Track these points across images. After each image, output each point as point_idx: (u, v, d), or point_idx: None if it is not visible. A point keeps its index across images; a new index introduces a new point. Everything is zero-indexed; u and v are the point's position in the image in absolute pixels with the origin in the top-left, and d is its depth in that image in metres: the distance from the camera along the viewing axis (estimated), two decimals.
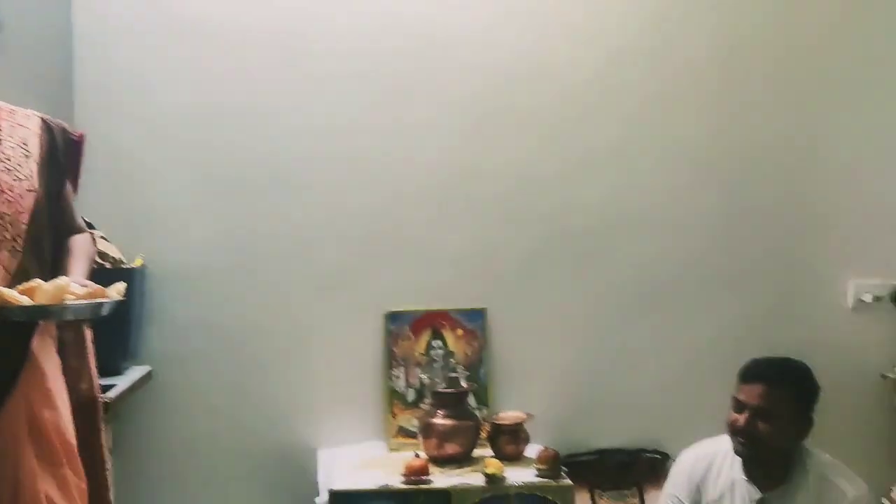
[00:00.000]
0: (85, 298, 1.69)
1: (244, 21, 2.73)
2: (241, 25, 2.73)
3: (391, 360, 2.79)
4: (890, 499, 2.88)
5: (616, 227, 2.90)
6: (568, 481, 2.41)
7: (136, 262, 2.54)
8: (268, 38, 2.74)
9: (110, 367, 2.35)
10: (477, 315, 2.84)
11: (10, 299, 1.62)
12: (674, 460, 2.52)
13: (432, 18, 2.81)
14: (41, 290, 1.66)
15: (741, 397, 2.22)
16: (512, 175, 2.86)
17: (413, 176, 2.81)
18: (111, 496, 1.94)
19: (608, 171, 2.89)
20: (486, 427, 2.64)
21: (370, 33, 2.78)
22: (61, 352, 1.82)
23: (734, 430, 2.22)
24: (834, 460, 2.25)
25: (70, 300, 1.67)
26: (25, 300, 1.64)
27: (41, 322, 1.73)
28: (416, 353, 2.80)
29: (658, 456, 2.87)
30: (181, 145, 2.71)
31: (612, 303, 2.90)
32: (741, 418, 2.20)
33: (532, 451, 2.55)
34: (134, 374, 2.47)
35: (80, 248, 1.89)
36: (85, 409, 1.83)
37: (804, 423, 2.23)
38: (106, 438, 2.01)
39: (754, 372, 2.24)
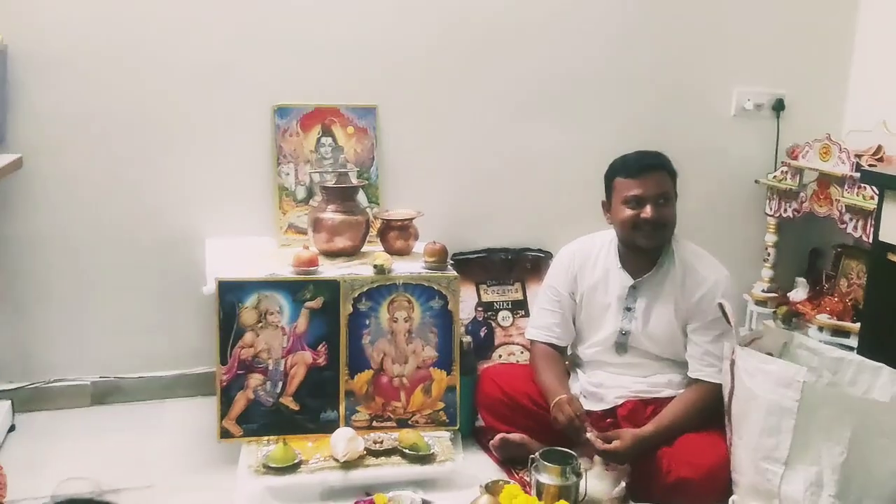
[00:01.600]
0: None
1: None
2: None
3: (279, 155, 2.72)
4: (751, 295, 3.10)
5: (515, 28, 2.85)
6: (453, 272, 2.47)
7: None
8: None
9: None
10: (368, 112, 2.78)
11: None
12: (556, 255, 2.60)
13: None
14: None
15: (638, 192, 2.24)
16: None
17: None
18: None
19: None
20: (376, 224, 2.66)
21: None
22: None
23: (640, 224, 2.24)
24: (698, 249, 2.37)
25: None
26: None
27: None
28: (306, 150, 2.74)
29: (541, 254, 2.98)
30: None
31: (506, 105, 2.89)
32: (648, 210, 2.23)
33: (420, 247, 2.58)
34: (1, 159, 2.32)
35: None
36: None
37: (675, 199, 2.32)
38: None
39: (642, 165, 2.28)
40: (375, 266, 2.41)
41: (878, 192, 2.27)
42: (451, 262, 2.59)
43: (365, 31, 2.74)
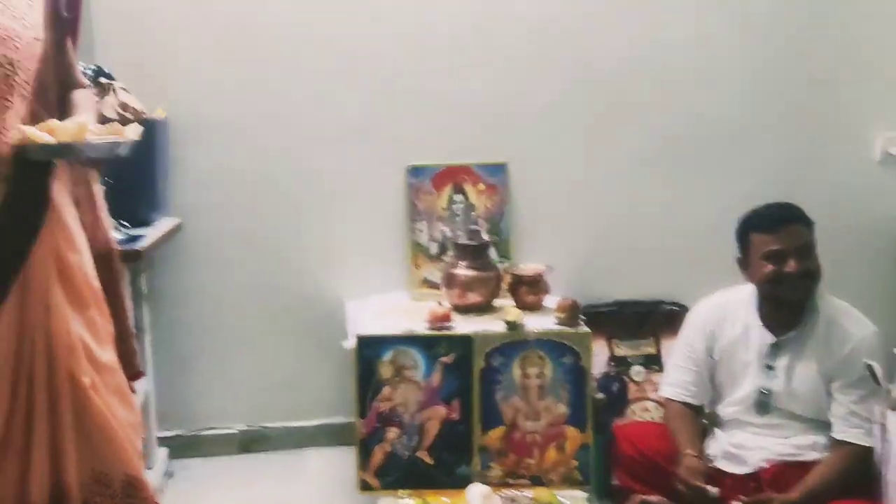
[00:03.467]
0: (103, 137, 1.72)
1: None
2: None
3: (414, 213, 2.82)
4: None
5: (640, 78, 2.85)
6: (585, 328, 2.47)
7: (158, 113, 2.55)
8: None
9: (139, 219, 2.41)
10: (498, 169, 2.85)
11: (33, 137, 1.65)
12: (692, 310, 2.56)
13: None
14: (62, 129, 1.67)
15: (777, 246, 2.18)
16: (534, 24, 2.80)
17: (435, 25, 2.76)
18: (135, 343, 2.02)
19: (632, 21, 2.82)
20: (507, 278, 2.70)
21: None
22: (76, 207, 1.86)
23: (784, 279, 2.18)
24: (843, 304, 2.27)
25: (90, 139, 1.70)
26: (48, 138, 1.67)
27: (60, 162, 1.76)
28: (439, 207, 2.83)
29: (676, 307, 2.93)
30: None
31: (636, 156, 2.89)
32: (792, 264, 2.17)
33: (551, 301, 2.60)
34: (163, 225, 2.53)
35: (86, 101, 1.89)
36: (103, 259, 1.87)
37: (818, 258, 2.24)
38: (125, 287, 2.07)
39: (778, 218, 2.22)
40: (507, 322, 2.45)
41: None
42: (583, 316, 2.59)
43: (494, 89, 2.82)
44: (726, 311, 2.38)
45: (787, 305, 2.24)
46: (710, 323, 2.39)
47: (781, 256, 2.19)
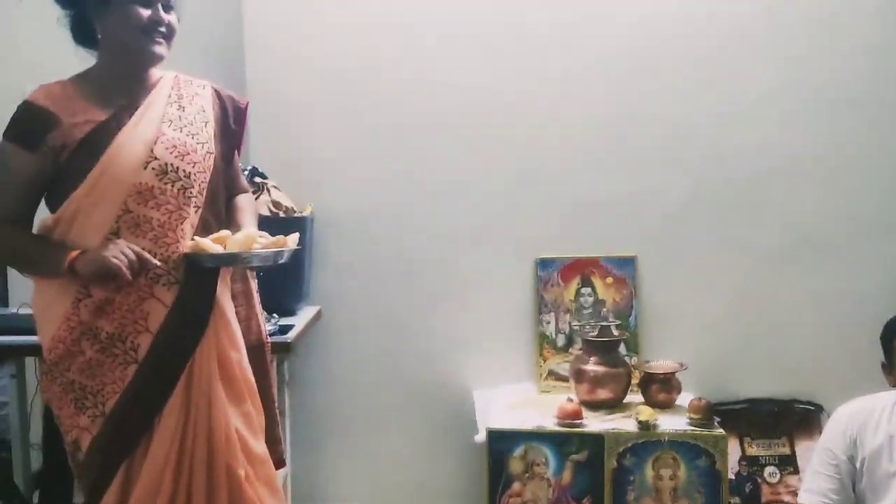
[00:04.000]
0: (268, 247, 1.86)
1: None
2: None
3: (541, 305, 2.87)
4: None
5: (771, 174, 2.83)
6: (721, 431, 2.43)
7: (306, 210, 2.71)
8: None
9: (286, 309, 2.55)
10: (627, 263, 2.87)
11: (206, 248, 1.81)
12: (827, 412, 2.49)
13: None
14: (232, 240, 1.84)
15: None
16: (665, 122, 2.83)
17: (566, 123, 2.84)
18: (279, 431, 2.13)
19: (763, 118, 2.83)
20: (638, 375, 2.69)
21: None
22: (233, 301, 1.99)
23: None
24: None
25: (256, 248, 1.84)
26: (219, 248, 1.82)
27: (225, 268, 1.91)
28: (566, 300, 2.87)
29: (811, 407, 2.84)
30: (344, 97, 2.83)
31: (765, 251, 2.85)
32: None
33: (683, 399, 2.57)
34: (307, 313, 2.66)
35: (249, 206, 2.07)
36: (255, 352, 2.01)
37: None
38: (274, 376, 2.19)
39: None
40: (640, 421, 2.44)
41: None
42: (716, 417, 2.55)
43: (623, 183, 2.85)
44: (869, 417, 2.31)
45: None
46: (851, 429, 2.32)
47: None
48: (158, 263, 1.76)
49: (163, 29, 1.82)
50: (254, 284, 2.07)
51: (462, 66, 2.82)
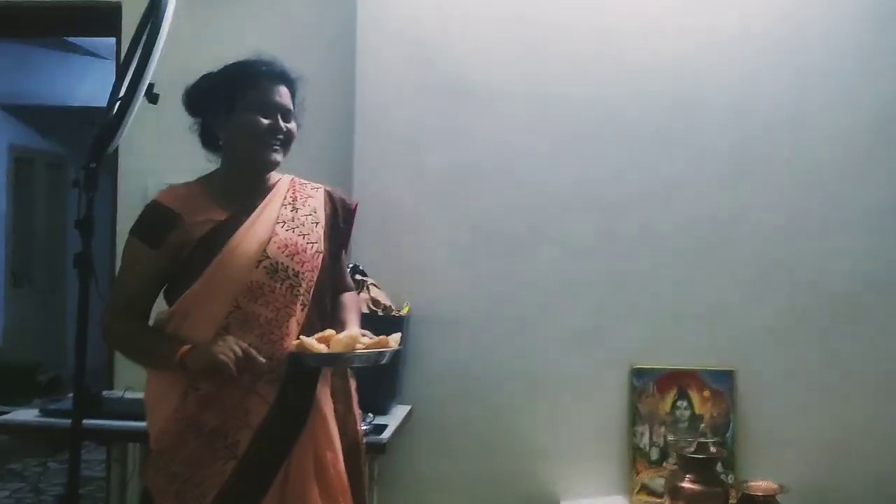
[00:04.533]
0: (370, 348, 1.89)
1: (503, 83, 2.88)
2: (500, 88, 2.88)
3: (635, 416, 2.80)
4: None
5: (877, 290, 2.75)
6: None
7: (404, 310, 2.76)
8: (524, 98, 2.87)
9: (380, 407, 2.56)
10: (725, 376, 2.79)
11: (310, 347, 1.85)
12: None
13: (688, 69, 2.82)
14: (336, 340, 1.88)
15: None
16: (768, 231, 2.80)
17: (665, 230, 2.83)
18: None
19: (873, 231, 2.76)
20: (736, 495, 2.58)
21: (622, 85, 2.84)
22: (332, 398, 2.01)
23: None
24: None
25: (359, 349, 1.88)
26: (323, 348, 1.86)
27: (328, 368, 1.95)
28: (661, 412, 2.80)
29: None
30: (445, 202, 2.90)
31: (870, 369, 2.75)
32: None
33: None
34: (399, 413, 2.67)
35: (353, 304, 2.12)
36: (351, 452, 2.01)
37: None
38: (367, 476, 2.19)
39: None
40: None
41: None
42: None
43: (722, 293, 2.81)
44: None
45: None
46: None
47: None
48: (264, 361, 1.81)
49: (280, 136, 1.93)
50: (353, 383, 2.09)
51: (559, 172, 2.86)
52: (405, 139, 2.92)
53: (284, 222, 1.94)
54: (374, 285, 2.73)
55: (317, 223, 2.00)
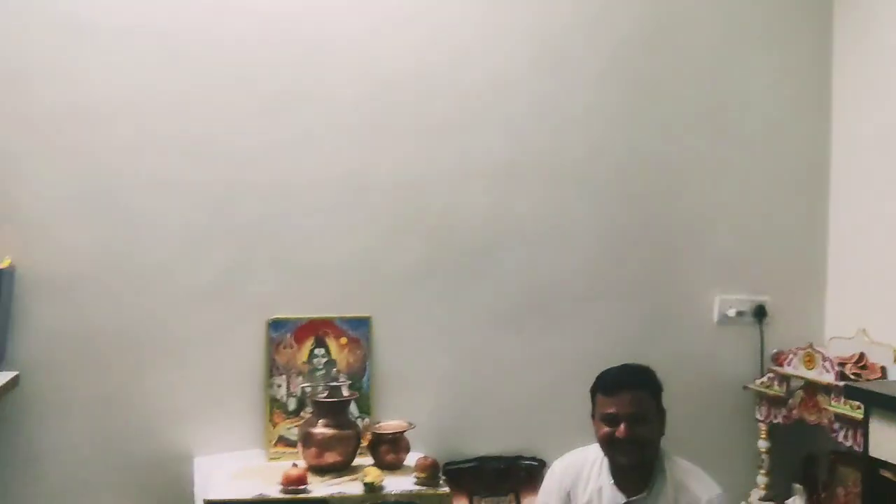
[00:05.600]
0: None
1: (123, 21, 2.67)
2: (120, 25, 2.66)
3: (272, 368, 2.77)
4: (748, 503, 3.05)
5: (498, 239, 2.97)
6: (445, 488, 2.45)
7: (3, 263, 2.43)
8: (147, 39, 2.69)
9: None
10: (361, 323, 2.85)
11: None
12: (549, 467, 2.59)
13: (318, 23, 2.81)
14: None
15: (612, 410, 2.28)
16: (398, 185, 2.89)
17: (299, 183, 2.81)
18: None
19: (492, 185, 2.96)
20: (368, 436, 2.65)
21: (257, 41, 2.77)
22: None
23: (615, 442, 2.27)
24: (691, 465, 2.36)
25: None
26: None
27: None
28: (299, 362, 2.79)
29: (535, 463, 2.95)
30: (56, 146, 2.62)
31: (493, 314, 2.97)
32: (622, 428, 2.25)
33: (412, 459, 2.58)
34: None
35: None
36: None
37: (662, 415, 2.34)
38: None
39: (616, 382, 2.32)
40: (365, 484, 2.40)
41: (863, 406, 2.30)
42: (443, 474, 2.57)
43: (357, 245, 2.86)
44: (581, 469, 2.42)
45: (622, 468, 2.30)
46: (565, 482, 2.42)
47: (615, 420, 2.27)
48: None
49: None
50: None
51: (187, 121, 2.72)
52: (8, 74, 2.58)
53: None
54: None
55: None
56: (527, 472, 2.95)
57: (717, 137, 3.12)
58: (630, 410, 2.27)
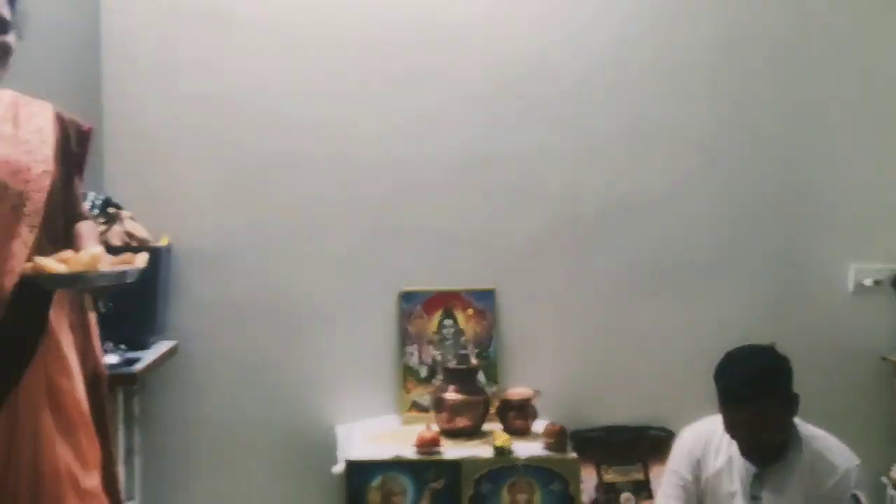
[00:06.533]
0: (114, 266, 1.80)
1: (260, 14, 2.83)
2: (257, 18, 2.83)
3: (405, 337, 2.89)
4: (890, 478, 2.95)
5: (622, 211, 2.98)
6: (573, 454, 2.51)
7: (162, 242, 2.65)
8: (283, 30, 2.84)
9: (138, 342, 2.47)
10: (487, 295, 2.94)
11: (46, 268, 1.73)
12: (678, 436, 2.59)
13: (442, 10, 2.90)
14: (76, 259, 1.76)
15: (735, 416, 2.22)
16: (522, 161, 2.95)
17: (427, 162, 2.91)
18: (117, 469, 2.04)
19: (615, 158, 2.98)
20: (496, 402, 2.74)
21: (381, 25, 2.88)
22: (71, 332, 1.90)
23: (740, 439, 2.25)
24: (827, 435, 2.31)
25: (102, 268, 1.78)
26: (63, 268, 1.74)
27: (64, 290, 1.83)
28: (429, 332, 2.91)
29: (662, 433, 2.96)
30: (204, 131, 2.82)
31: (618, 285, 2.98)
32: (744, 432, 2.22)
33: (540, 426, 2.64)
34: (160, 347, 2.59)
35: (90, 231, 1.98)
36: (92, 384, 1.91)
37: (794, 403, 2.27)
38: (113, 412, 2.09)
39: (738, 395, 2.22)
40: (496, 447, 2.48)
41: None
42: (571, 442, 2.62)
43: (482, 218, 2.94)
44: (711, 439, 2.41)
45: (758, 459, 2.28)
46: (695, 451, 2.41)
47: (737, 424, 2.23)
48: None
49: None
50: (92, 315, 1.98)
51: (323, 104, 2.86)
52: (155, 65, 2.79)
53: (5, 138, 1.79)
54: (130, 218, 2.60)
55: (44, 142, 1.86)
56: (654, 442, 2.96)
57: (850, 100, 3.02)
58: (753, 419, 2.19)
